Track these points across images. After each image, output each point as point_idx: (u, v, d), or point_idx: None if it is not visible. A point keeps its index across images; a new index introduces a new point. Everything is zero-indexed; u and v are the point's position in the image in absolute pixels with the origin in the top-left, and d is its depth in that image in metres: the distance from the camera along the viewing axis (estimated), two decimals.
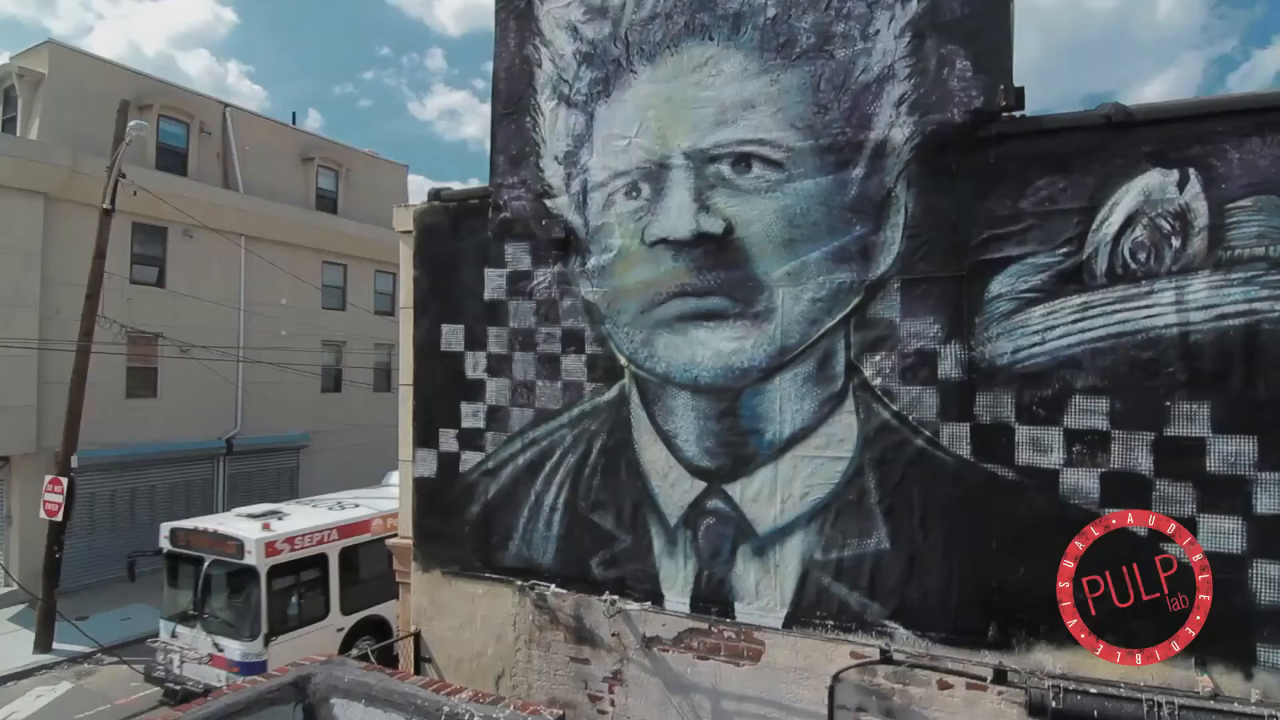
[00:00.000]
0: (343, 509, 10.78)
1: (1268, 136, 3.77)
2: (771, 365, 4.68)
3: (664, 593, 4.97)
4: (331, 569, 9.90)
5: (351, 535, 10.24)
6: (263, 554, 9.02)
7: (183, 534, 9.81)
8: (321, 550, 9.78)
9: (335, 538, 10.01)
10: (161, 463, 18.06)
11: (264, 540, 9.11)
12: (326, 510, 10.69)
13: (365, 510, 10.75)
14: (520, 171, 5.38)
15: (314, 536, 9.78)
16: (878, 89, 4.44)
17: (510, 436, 5.43)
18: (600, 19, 5.16)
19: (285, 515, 10.15)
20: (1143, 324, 3.94)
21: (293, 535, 9.50)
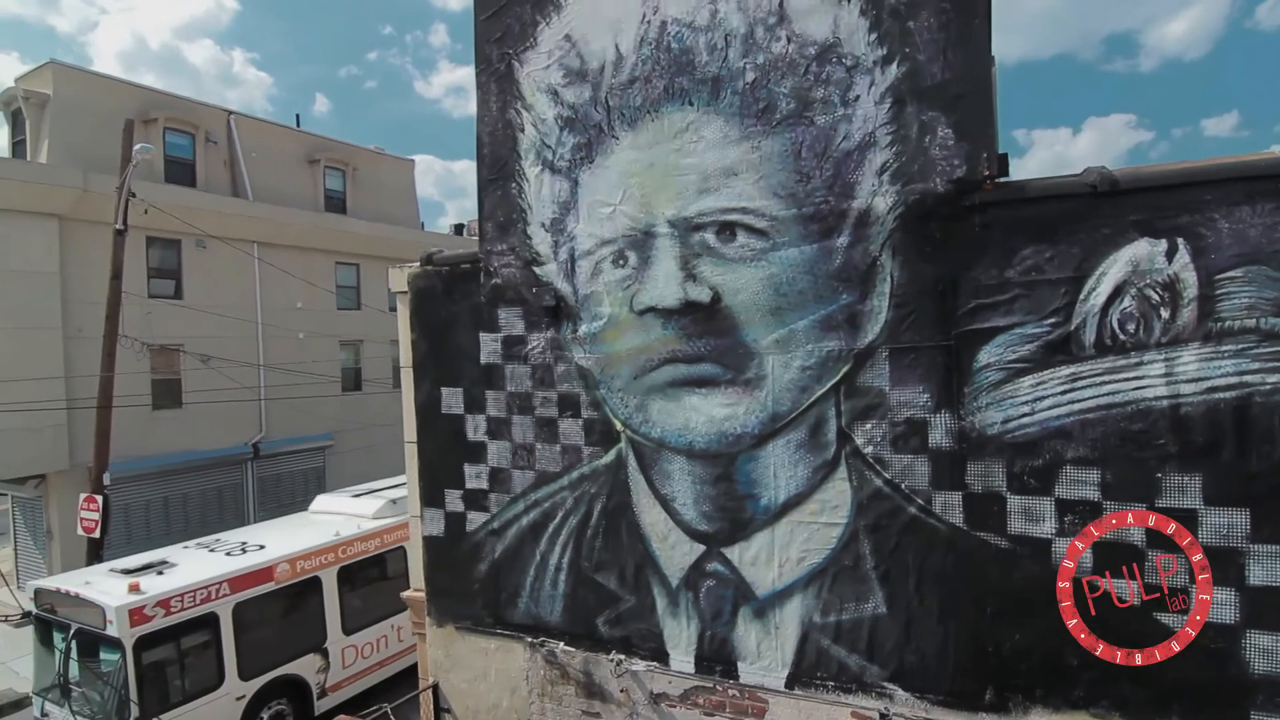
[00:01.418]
0: (244, 554, 9.34)
1: (1257, 205, 3.69)
2: (764, 432, 4.72)
3: (669, 651, 5.10)
4: (224, 629, 8.51)
5: (248, 587, 8.81)
6: (127, 623, 7.63)
7: (46, 596, 8.38)
8: (209, 609, 8.38)
9: (226, 593, 8.57)
10: (191, 471, 18.55)
11: (129, 606, 7.68)
12: (224, 557, 9.21)
13: (268, 555, 9.29)
14: (509, 238, 5.40)
15: (198, 594, 8.32)
16: (859, 157, 4.38)
17: (513, 498, 5.55)
18: (580, 82, 5.12)
19: (170, 567, 8.78)
20: (1132, 395, 3.92)
21: (167, 597, 8.04)
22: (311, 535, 10.08)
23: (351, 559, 10.10)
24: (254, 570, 8.94)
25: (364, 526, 10.53)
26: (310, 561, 9.57)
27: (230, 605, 8.58)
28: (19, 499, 16.54)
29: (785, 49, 4.55)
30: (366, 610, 10.24)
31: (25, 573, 15.96)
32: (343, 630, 9.85)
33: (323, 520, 10.94)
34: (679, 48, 4.82)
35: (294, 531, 10.48)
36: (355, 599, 10.13)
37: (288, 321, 20.43)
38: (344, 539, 10.10)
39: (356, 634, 10.04)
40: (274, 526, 11.34)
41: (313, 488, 20.77)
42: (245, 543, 9.83)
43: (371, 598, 10.31)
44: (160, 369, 17.93)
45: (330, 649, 9.67)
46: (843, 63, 4.42)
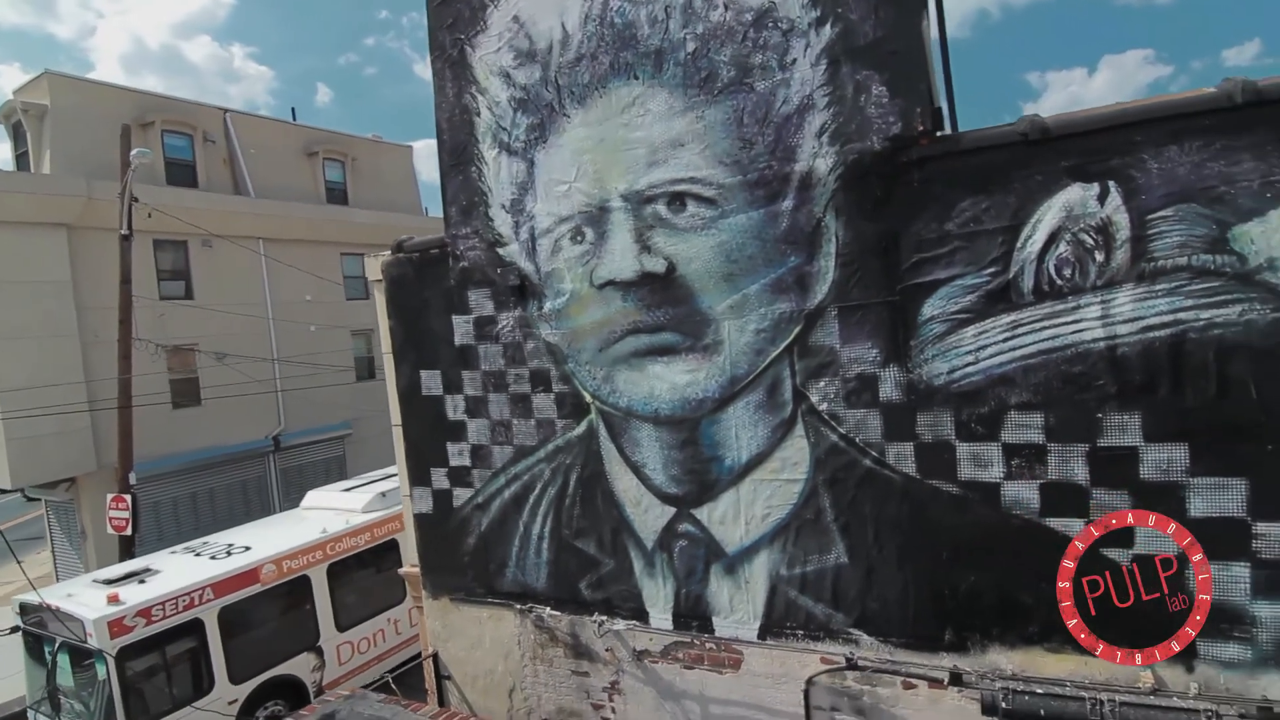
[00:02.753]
0: (229, 556, 9.30)
1: (1185, 144, 3.72)
2: (724, 395, 4.86)
3: (648, 610, 5.31)
4: (210, 635, 8.51)
5: (234, 590, 8.80)
6: (107, 635, 7.63)
7: (31, 610, 8.44)
8: (194, 615, 8.38)
9: (211, 598, 8.56)
10: (215, 466, 19.06)
11: (108, 618, 7.67)
12: (208, 561, 9.20)
13: (253, 556, 9.27)
14: (472, 221, 5.54)
15: (180, 601, 8.29)
16: (799, 120, 4.45)
17: (494, 473, 5.75)
18: (530, 63, 5.21)
19: (153, 575, 8.75)
20: (1071, 339, 4.00)
21: (148, 605, 8.02)
22: (299, 533, 10.13)
23: (341, 555, 10.14)
24: (239, 573, 8.95)
25: (353, 521, 10.54)
26: (297, 560, 9.62)
27: (215, 610, 8.60)
28: (52, 503, 17.16)
29: (723, 17, 4.61)
30: (361, 605, 10.29)
31: (64, 573, 16.59)
32: (336, 627, 9.92)
33: (313, 517, 10.95)
34: (622, 22, 4.89)
35: (282, 530, 10.50)
36: (348, 595, 10.18)
37: (298, 315, 20.77)
38: (332, 535, 10.14)
39: (351, 630, 10.10)
40: (263, 526, 11.37)
41: (335, 476, 21.23)
42: (231, 545, 9.82)
43: (365, 592, 10.34)
44: (177, 369, 18.39)
45: (324, 647, 9.73)
46: (779, 27, 4.47)
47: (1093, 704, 3.96)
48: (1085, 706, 3.97)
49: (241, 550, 9.59)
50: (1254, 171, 3.61)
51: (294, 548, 9.74)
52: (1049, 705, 4.05)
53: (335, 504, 11.45)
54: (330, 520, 10.63)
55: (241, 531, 11.00)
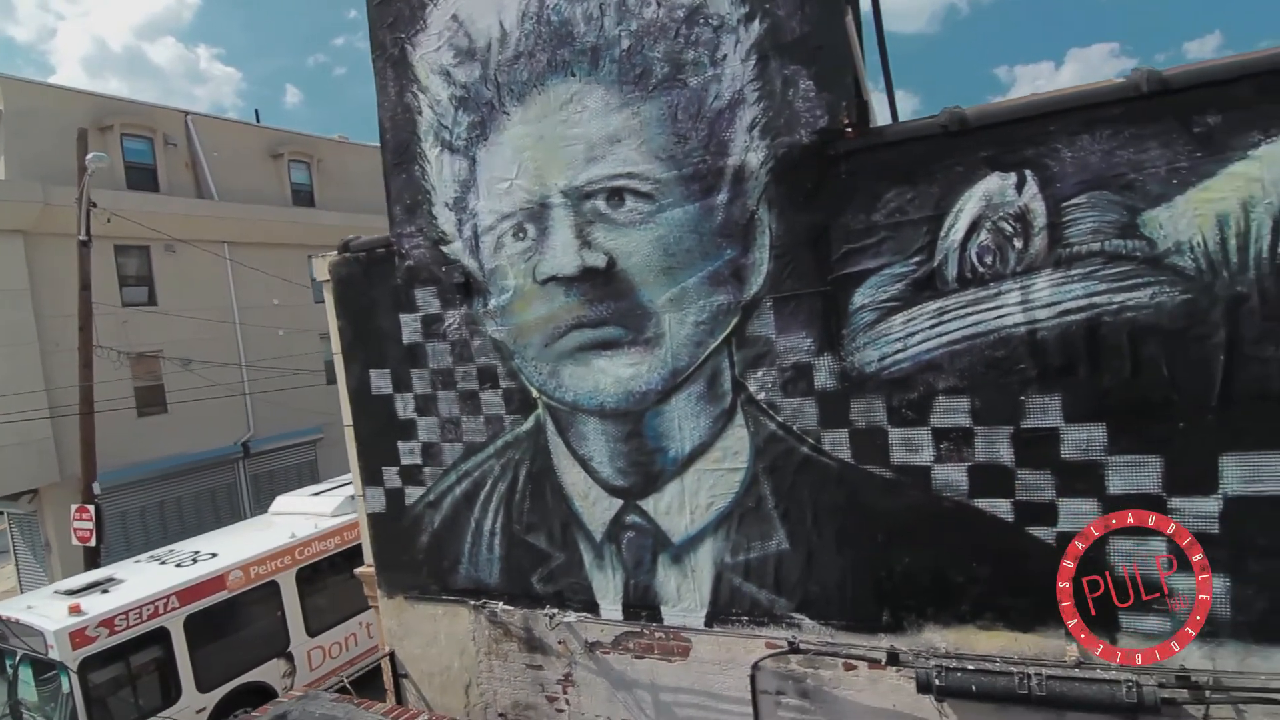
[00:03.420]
0: (194, 564, 9.28)
1: (1096, 132, 3.84)
2: (667, 387, 4.93)
3: (598, 602, 5.37)
4: (176, 643, 8.46)
5: (200, 598, 8.75)
6: (69, 646, 7.54)
7: None
8: (158, 624, 8.31)
9: (176, 606, 8.50)
10: (183, 474, 18.83)
11: (69, 629, 7.58)
12: (174, 569, 9.14)
13: (220, 563, 9.25)
14: (416, 220, 5.56)
15: (144, 610, 8.21)
16: (731, 115, 4.53)
17: (445, 470, 5.78)
18: (470, 61, 5.23)
19: (116, 584, 8.69)
20: (994, 325, 4.11)
21: (111, 615, 7.93)
22: (267, 539, 10.10)
23: (310, 559, 10.12)
24: (205, 580, 8.89)
25: (322, 525, 10.52)
26: (265, 566, 9.60)
27: (181, 618, 8.54)
28: (14, 515, 16.86)
29: (656, 13, 4.67)
30: (331, 610, 10.25)
31: (28, 587, 16.32)
32: (307, 632, 9.88)
33: (281, 522, 10.92)
34: (558, 20, 4.93)
35: (250, 536, 10.43)
36: (318, 599, 10.14)
37: (266, 319, 20.56)
38: (300, 540, 10.11)
39: (322, 635, 10.07)
40: (231, 532, 11.28)
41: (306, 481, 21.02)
42: (197, 552, 9.73)
43: (336, 597, 10.28)
44: (141, 376, 18.13)
45: (295, 652, 9.70)
46: (709, 23, 4.54)
47: (1020, 678, 4.08)
48: (1014, 681, 4.09)
49: (208, 557, 9.53)
50: (1161, 159, 3.74)
51: (262, 553, 9.69)
52: (979, 681, 4.17)
53: (304, 508, 11.42)
54: (299, 525, 10.59)
55: (208, 539, 10.92)
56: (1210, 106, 3.65)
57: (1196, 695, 3.93)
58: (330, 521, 10.75)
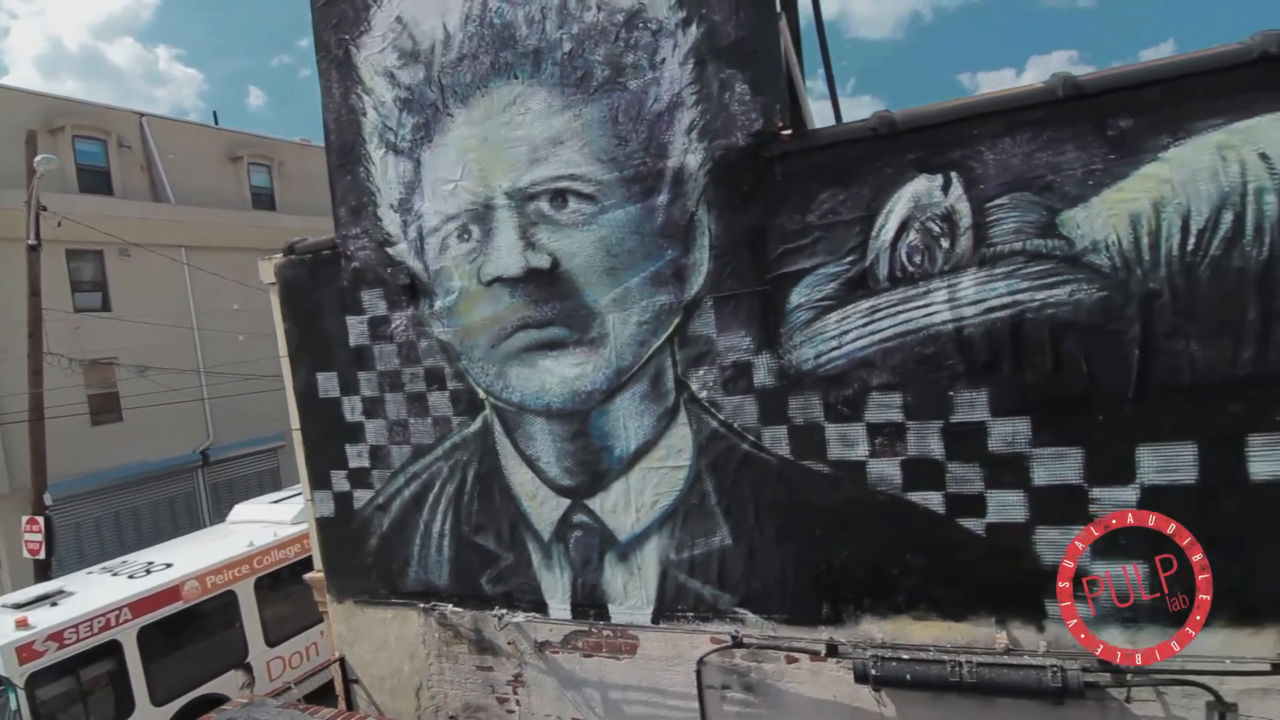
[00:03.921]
0: (148, 575, 9.06)
1: (1016, 135, 3.98)
2: (611, 387, 4.97)
3: (547, 602, 5.39)
4: (129, 656, 8.28)
5: (154, 609, 8.59)
6: (15, 661, 7.37)
7: None
8: (110, 637, 8.13)
9: (129, 618, 8.33)
10: (139, 484, 18.41)
11: (15, 644, 7.41)
12: (126, 580, 8.96)
13: (175, 573, 9.06)
14: (361, 221, 5.54)
15: (95, 623, 8.03)
16: (670, 117, 4.60)
17: (394, 472, 5.76)
18: (414, 63, 5.24)
19: (66, 597, 8.47)
20: (923, 322, 4.23)
21: (60, 629, 7.73)
22: (225, 548, 9.94)
23: (269, 568, 9.96)
24: (159, 591, 8.72)
25: (281, 533, 10.36)
26: (222, 575, 9.45)
27: (134, 630, 8.37)
28: None
29: (596, 17, 4.72)
30: (292, 619, 10.08)
31: None
32: (266, 642, 9.74)
33: (239, 531, 10.75)
34: (501, 23, 4.96)
35: (206, 546, 10.27)
36: (278, 608, 9.99)
37: (226, 324, 20.17)
38: (259, 548, 9.96)
39: (282, 644, 9.93)
40: (187, 542, 11.08)
41: (268, 489, 20.67)
42: (151, 563, 9.55)
43: (296, 605, 10.08)
44: (95, 383, 17.71)
45: (254, 663, 9.54)
46: (648, 27, 4.61)
47: (952, 666, 4.19)
48: (946, 669, 4.20)
49: (162, 568, 9.36)
50: (1077, 160, 3.89)
51: (218, 563, 9.54)
52: (913, 669, 4.27)
53: (263, 516, 11.23)
54: (258, 533, 10.43)
55: (163, 549, 10.71)
56: (1122, 111, 3.81)
57: (1118, 679, 4.07)
58: (290, 529, 10.57)
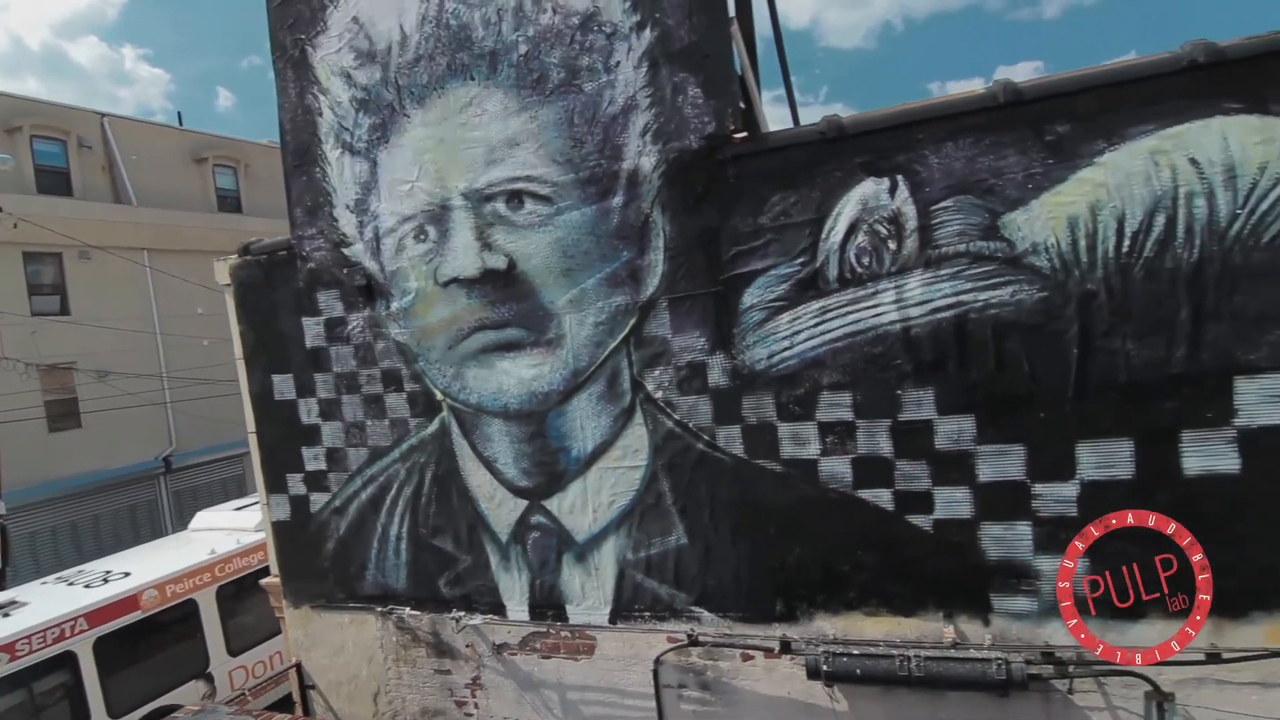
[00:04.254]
0: (105, 584, 8.85)
1: (959, 140, 4.07)
2: (568, 387, 4.99)
3: (505, 603, 5.38)
4: (84, 668, 8.07)
5: (111, 619, 8.36)
6: None
7: None
8: (64, 648, 7.93)
9: (84, 628, 8.11)
10: (98, 491, 18.01)
11: None
12: (83, 590, 8.72)
13: (133, 582, 8.85)
14: (317, 222, 5.50)
15: (48, 635, 7.81)
16: (624, 120, 4.64)
17: (351, 475, 5.71)
18: (370, 64, 5.23)
19: (18, 608, 8.26)
20: (872, 322, 4.30)
21: (11, 641, 7.53)
22: (185, 556, 9.74)
23: (231, 576, 9.78)
24: (116, 601, 8.51)
25: (244, 541, 10.18)
26: (182, 584, 9.25)
27: (90, 641, 8.15)
28: None
29: (552, 20, 4.75)
30: (255, 627, 9.87)
31: None
32: (228, 652, 9.56)
33: (201, 538, 10.54)
34: (457, 24, 4.97)
35: (167, 554, 10.06)
36: (240, 617, 9.80)
37: (189, 329, 19.81)
38: (221, 556, 9.79)
39: (245, 654, 9.74)
40: (146, 550, 10.86)
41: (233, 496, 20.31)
42: (109, 572, 9.34)
43: (260, 614, 9.77)
44: (52, 389, 17.31)
45: (215, 673, 9.36)
46: (603, 30, 4.65)
47: (901, 660, 4.26)
48: (895, 663, 4.27)
49: (120, 577, 9.12)
50: (1017, 165, 3.99)
51: (179, 571, 9.33)
52: (864, 664, 4.34)
53: (225, 524, 11.02)
54: (220, 541, 10.23)
55: (121, 558, 10.44)
56: (1060, 117, 3.92)
57: (1061, 670, 4.17)
58: (253, 536, 10.37)
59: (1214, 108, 3.69)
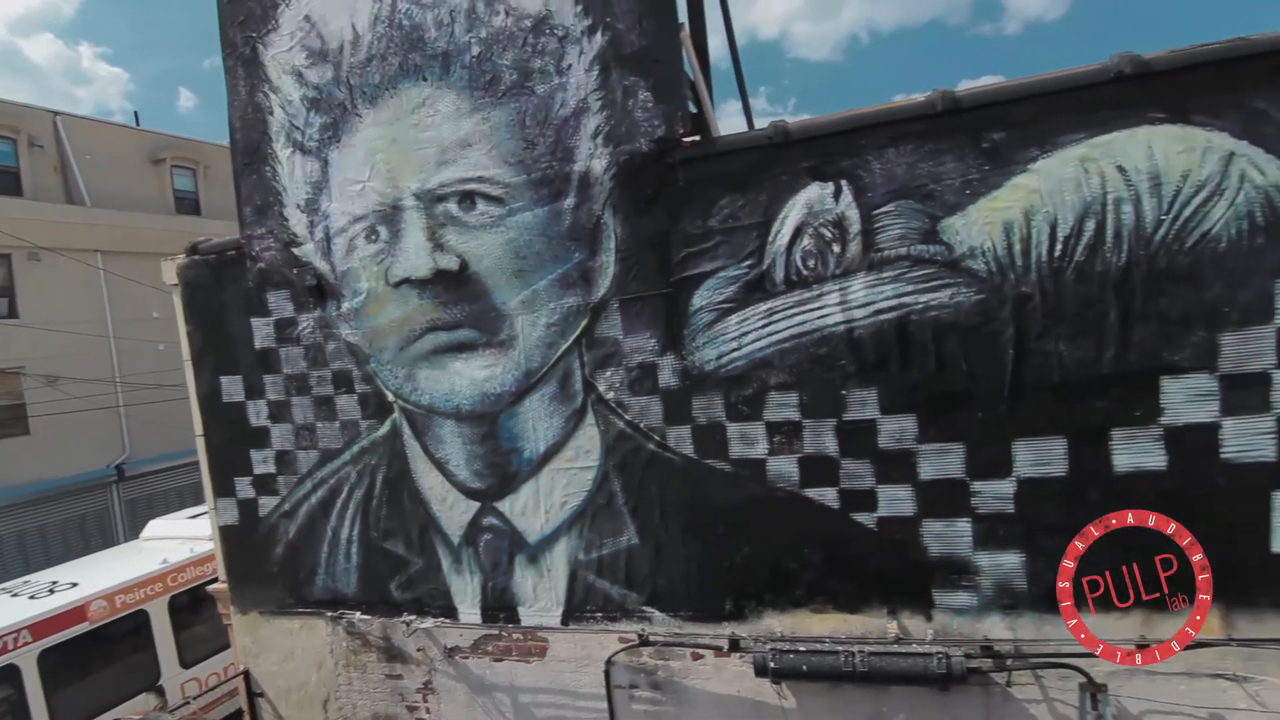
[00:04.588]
0: (51, 595, 8.57)
1: (900, 146, 4.18)
2: (521, 388, 4.99)
3: (457, 606, 5.35)
4: (28, 681, 7.84)
5: (56, 631, 8.14)
6: None
7: None
8: (8, 661, 7.74)
9: (28, 640, 7.88)
10: (47, 501, 17.46)
11: None
12: (27, 601, 8.45)
13: (80, 593, 8.56)
14: (267, 221, 5.44)
15: None
16: (576, 122, 4.67)
17: (300, 478, 5.64)
18: (322, 63, 5.19)
19: None
20: (817, 324, 4.38)
21: None
22: (136, 565, 9.49)
23: (184, 586, 9.54)
24: (62, 612, 8.27)
25: (199, 549, 9.91)
26: (133, 595, 9.01)
27: (34, 655, 7.92)
28: None
29: (504, 22, 4.77)
30: (209, 638, 9.62)
31: None
32: (180, 664, 9.33)
33: (153, 547, 10.29)
34: (410, 24, 4.97)
35: (116, 564, 9.81)
36: (194, 628, 9.58)
37: (144, 333, 19.33)
38: (173, 566, 9.54)
39: (198, 665, 9.51)
40: (96, 560, 10.57)
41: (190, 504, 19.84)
42: (55, 582, 9.08)
43: (214, 625, 9.47)
44: None
45: (166, 685, 9.06)
46: (555, 34, 4.68)
47: (846, 656, 4.32)
48: (840, 659, 4.33)
49: (67, 587, 8.85)
50: (955, 171, 4.11)
51: (129, 581, 9.09)
52: (810, 661, 4.39)
53: (179, 532, 10.74)
54: (173, 550, 9.96)
55: (69, 568, 10.15)
56: (996, 125, 4.04)
57: (999, 664, 4.27)
58: (207, 545, 10.10)
59: (1140, 117, 3.83)
